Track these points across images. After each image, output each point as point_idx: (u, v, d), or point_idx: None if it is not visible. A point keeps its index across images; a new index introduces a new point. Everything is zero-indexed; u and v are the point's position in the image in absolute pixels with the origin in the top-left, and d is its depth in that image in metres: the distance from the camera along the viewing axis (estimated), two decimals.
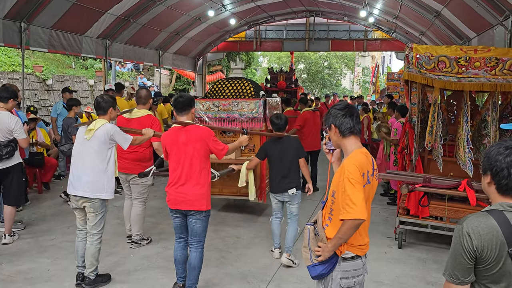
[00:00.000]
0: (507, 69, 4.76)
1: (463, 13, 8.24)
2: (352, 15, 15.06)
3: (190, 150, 3.75)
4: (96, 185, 4.00)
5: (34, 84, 12.72)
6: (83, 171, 4.01)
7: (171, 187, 3.83)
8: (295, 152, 4.79)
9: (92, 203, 4.01)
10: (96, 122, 4.06)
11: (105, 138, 4.00)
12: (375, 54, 38.76)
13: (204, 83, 18.38)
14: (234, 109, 6.15)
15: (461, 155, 5.12)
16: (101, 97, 4.25)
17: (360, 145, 2.53)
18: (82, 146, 4.06)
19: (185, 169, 3.76)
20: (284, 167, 4.75)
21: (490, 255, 1.69)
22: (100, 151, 4.01)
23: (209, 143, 3.79)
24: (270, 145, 4.90)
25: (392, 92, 12.81)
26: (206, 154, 3.83)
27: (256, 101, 6.09)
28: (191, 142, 3.75)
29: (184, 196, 3.75)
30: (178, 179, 3.79)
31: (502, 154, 1.75)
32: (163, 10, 11.46)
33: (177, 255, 3.97)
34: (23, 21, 8.21)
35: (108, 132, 4.01)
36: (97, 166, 4.01)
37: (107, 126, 4.04)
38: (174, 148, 3.80)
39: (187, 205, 3.76)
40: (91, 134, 4.00)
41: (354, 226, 2.34)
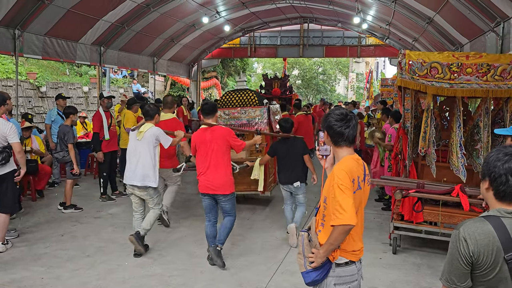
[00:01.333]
0: (499, 75, 4.81)
1: (455, 20, 8.34)
2: (346, 22, 15.17)
3: (215, 146, 4.67)
4: (146, 177, 4.96)
5: (28, 91, 12.68)
6: (136, 166, 4.99)
7: (200, 176, 4.75)
8: (300, 150, 5.64)
9: (147, 191, 5.03)
10: (145, 126, 5.04)
11: (152, 138, 5.00)
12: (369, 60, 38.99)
13: (199, 89, 18.40)
14: (243, 116, 7.06)
15: (454, 161, 5.16)
16: (148, 106, 5.32)
17: (352, 151, 2.53)
18: (135, 145, 5.04)
19: (212, 161, 4.68)
20: (290, 163, 5.59)
21: (486, 260, 1.70)
22: (149, 149, 4.99)
23: (229, 140, 4.74)
24: (279, 144, 5.80)
25: (386, 97, 12.89)
26: (227, 149, 4.77)
27: (261, 108, 7.05)
28: (215, 140, 4.68)
29: (211, 183, 4.66)
30: (206, 170, 4.70)
31: (501, 160, 1.76)
32: (157, 17, 11.48)
33: (208, 231, 4.87)
34: (17, 28, 8.20)
35: (154, 134, 5.01)
36: (147, 162, 4.97)
37: (153, 129, 5.04)
38: (202, 145, 4.73)
39: (213, 190, 4.68)
40: (141, 135, 5.00)
41: (344, 232, 2.35)
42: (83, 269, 4.67)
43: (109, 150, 7.51)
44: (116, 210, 7.00)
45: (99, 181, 7.61)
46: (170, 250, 5.32)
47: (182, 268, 4.79)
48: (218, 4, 12.71)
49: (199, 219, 6.59)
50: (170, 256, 5.11)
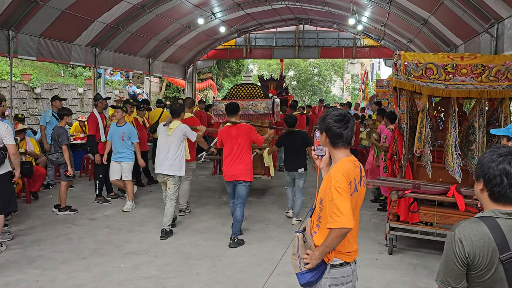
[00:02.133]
0: (493, 75, 4.84)
1: (449, 21, 8.37)
2: (341, 23, 15.19)
3: (239, 141, 5.55)
4: (175, 166, 5.85)
5: (22, 93, 12.62)
6: (166, 157, 5.83)
7: (226, 166, 5.59)
8: (303, 142, 6.59)
9: (173, 178, 5.89)
10: (174, 123, 5.91)
11: (180, 134, 5.88)
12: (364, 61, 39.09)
13: (194, 90, 18.36)
14: (250, 107, 7.70)
15: (450, 161, 5.18)
16: (175, 105, 6.49)
17: (349, 153, 2.53)
18: (165, 140, 5.89)
19: (236, 153, 5.54)
20: (295, 153, 6.57)
21: (482, 261, 1.70)
22: (177, 143, 5.87)
23: (251, 135, 5.65)
24: (285, 137, 6.77)
25: (381, 98, 12.89)
26: (249, 143, 5.66)
27: (267, 101, 7.75)
28: (239, 135, 5.56)
29: (235, 171, 5.53)
30: (231, 160, 5.56)
31: (495, 162, 1.76)
32: (153, 18, 11.45)
33: (232, 210, 5.79)
34: (11, 29, 8.15)
35: (182, 130, 5.90)
36: (176, 154, 5.85)
37: (181, 126, 5.92)
38: (228, 139, 5.62)
39: (237, 177, 5.53)
40: (171, 131, 5.85)
41: (341, 235, 2.35)
42: (78, 271, 4.64)
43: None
44: (111, 212, 6.97)
45: (95, 182, 7.58)
46: (166, 251, 5.30)
47: (178, 269, 4.77)
48: (214, 5, 12.70)
49: (196, 222, 6.58)
50: (166, 258, 5.09)
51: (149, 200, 7.76)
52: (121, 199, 7.73)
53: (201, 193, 8.22)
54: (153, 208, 7.25)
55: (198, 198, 7.90)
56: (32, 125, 11.19)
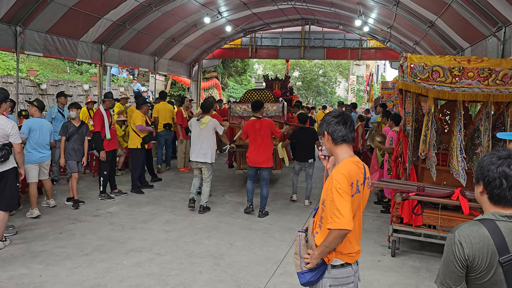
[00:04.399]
0: (500, 79, 4.82)
1: (456, 24, 8.34)
2: (347, 24, 15.18)
3: (262, 133, 6.68)
4: (207, 155, 6.80)
5: (28, 88, 12.68)
6: (201, 147, 6.79)
7: (251, 153, 6.72)
8: (312, 137, 7.54)
9: (206, 165, 6.86)
10: (206, 118, 6.88)
11: (212, 127, 6.86)
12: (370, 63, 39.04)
13: (199, 89, 18.39)
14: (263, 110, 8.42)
15: (454, 164, 5.16)
16: (205, 102, 7.37)
17: (352, 153, 2.53)
18: (199, 133, 6.84)
19: (259, 143, 6.69)
20: (305, 146, 7.56)
21: (481, 264, 1.70)
22: (210, 135, 6.85)
23: (272, 128, 6.77)
24: (297, 132, 7.70)
25: (386, 100, 12.87)
26: (270, 135, 6.81)
27: (278, 104, 8.84)
28: (262, 128, 6.71)
29: (259, 159, 6.68)
30: (255, 149, 6.69)
31: (495, 164, 1.76)
32: (159, 16, 11.49)
33: (249, 187, 6.94)
34: (18, 25, 8.20)
35: (213, 124, 6.88)
36: (208, 144, 6.79)
37: (212, 120, 6.89)
38: (252, 132, 6.73)
39: (260, 164, 6.70)
40: (204, 125, 6.82)
41: (340, 236, 2.35)
42: (81, 267, 4.66)
43: (110, 149, 7.53)
44: (115, 209, 6.99)
45: (99, 179, 7.61)
46: (168, 249, 5.31)
47: (181, 267, 4.78)
48: (220, 5, 12.72)
49: (199, 220, 6.59)
50: (168, 256, 5.10)
51: (153, 198, 7.78)
52: (125, 196, 7.75)
53: None
54: (156, 205, 7.26)
55: None
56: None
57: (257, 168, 6.74)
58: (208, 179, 6.95)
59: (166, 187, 8.66)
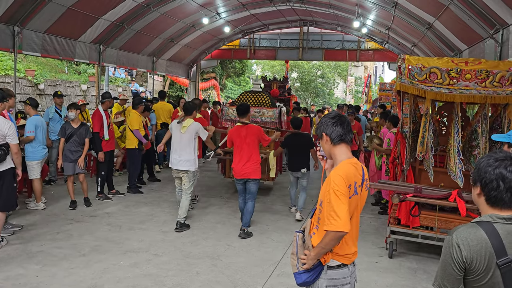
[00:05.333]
0: (497, 81, 4.83)
1: (454, 26, 8.36)
2: (346, 26, 15.19)
3: (248, 141, 5.84)
4: (188, 162, 6.06)
5: (26, 88, 12.65)
6: (180, 153, 6.05)
7: (236, 165, 5.90)
8: (306, 144, 6.85)
9: (187, 174, 6.10)
10: (187, 121, 6.09)
11: (193, 132, 6.08)
12: (368, 64, 39.07)
13: (198, 90, 18.38)
14: (257, 115, 7.95)
15: (452, 166, 5.17)
16: (188, 103, 6.50)
17: (350, 155, 2.54)
18: (180, 137, 6.08)
19: (245, 153, 5.84)
20: (298, 154, 6.83)
21: (479, 266, 1.70)
22: (190, 141, 6.07)
23: (259, 136, 5.93)
24: (290, 138, 6.98)
25: (384, 102, 12.91)
26: (258, 143, 5.96)
27: (274, 110, 8.06)
28: (249, 135, 5.86)
29: (245, 170, 5.83)
30: (241, 159, 5.86)
31: (492, 166, 1.77)
32: (157, 17, 11.47)
33: (241, 205, 6.11)
34: (16, 25, 8.17)
35: (195, 128, 6.10)
36: (189, 151, 6.05)
37: (194, 124, 6.10)
38: (238, 139, 5.89)
39: (247, 175, 5.86)
40: (185, 129, 6.04)
41: (337, 238, 2.36)
42: (78, 268, 4.65)
43: (108, 150, 7.52)
44: (112, 209, 6.97)
45: (97, 180, 7.59)
46: (165, 250, 5.30)
47: (178, 268, 4.77)
48: (219, 5, 12.71)
49: (196, 221, 6.58)
50: (165, 256, 5.10)
51: (150, 198, 7.77)
52: (122, 197, 7.74)
53: (202, 193, 8.21)
54: (154, 206, 7.25)
55: (199, 197, 7.90)
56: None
57: (245, 180, 5.94)
58: (189, 190, 6.15)
59: (164, 188, 8.65)
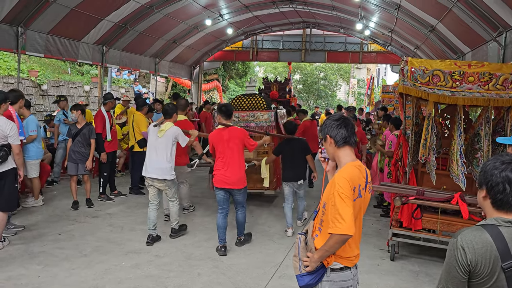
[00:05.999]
0: (500, 84, 4.81)
1: (457, 29, 8.35)
2: (348, 28, 15.20)
3: (231, 145, 5.17)
4: (165, 170, 5.43)
5: (29, 89, 12.69)
6: (156, 160, 5.43)
7: (218, 171, 5.22)
8: (302, 151, 6.15)
9: (166, 182, 5.50)
10: (166, 125, 5.50)
11: (171, 137, 5.46)
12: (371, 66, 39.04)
13: (200, 91, 18.41)
14: (251, 119, 7.44)
15: (454, 169, 5.15)
16: (167, 105, 5.88)
17: (354, 157, 2.53)
18: (156, 142, 5.47)
19: (228, 159, 5.17)
20: (294, 162, 6.13)
21: (484, 269, 1.70)
22: (168, 146, 5.45)
23: (244, 140, 5.26)
24: (284, 145, 6.30)
25: (386, 104, 12.88)
26: (242, 148, 5.29)
27: (269, 112, 7.45)
28: (232, 139, 5.18)
29: (228, 178, 5.16)
30: (223, 166, 5.19)
31: (498, 169, 1.76)
32: (160, 18, 11.50)
33: (219, 222, 5.30)
34: (20, 25, 8.21)
35: (174, 133, 5.49)
36: (166, 157, 5.43)
37: (173, 129, 5.51)
38: (220, 143, 5.20)
39: (230, 185, 5.18)
40: (162, 133, 5.45)
41: (341, 241, 2.35)
42: (79, 269, 4.65)
43: (110, 151, 7.53)
44: (114, 210, 6.98)
45: (99, 180, 7.61)
46: (167, 251, 5.30)
47: (179, 270, 4.77)
48: (222, 7, 12.74)
49: (198, 222, 6.58)
50: (167, 258, 5.09)
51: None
52: (124, 198, 7.75)
53: (203, 194, 8.22)
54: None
55: (201, 198, 7.90)
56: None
57: (227, 190, 5.24)
58: (173, 197, 5.67)
59: None
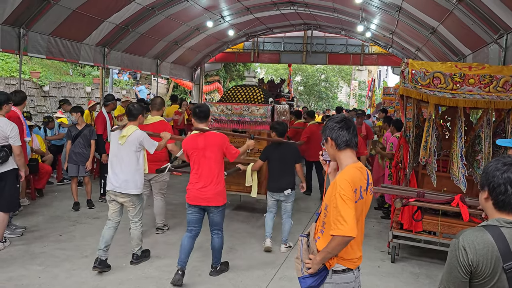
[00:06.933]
0: (501, 86, 4.82)
1: (458, 31, 8.36)
2: (350, 30, 15.21)
3: (208, 154, 4.35)
4: (130, 183, 4.58)
5: (31, 90, 12.71)
6: (120, 171, 4.59)
7: (192, 186, 4.39)
8: (292, 157, 5.44)
9: (130, 198, 4.63)
10: (128, 129, 4.60)
11: (135, 143, 4.58)
12: (372, 68, 39.07)
13: (201, 93, 18.42)
14: (245, 113, 6.63)
15: (455, 171, 5.16)
16: (132, 105, 4.87)
17: (355, 159, 2.53)
18: (118, 150, 4.62)
19: (205, 170, 4.35)
20: (282, 170, 5.37)
21: (485, 270, 1.70)
22: (132, 154, 4.60)
23: (224, 148, 4.41)
24: (271, 149, 5.55)
25: (387, 106, 12.88)
26: (221, 157, 4.45)
27: (265, 107, 6.56)
28: (209, 147, 4.35)
29: (204, 194, 4.33)
30: (199, 179, 4.36)
31: (500, 170, 1.77)
32: (162, 20, 11.52)
33: (184, 242, 4.48)
34: (22, 27, 8.23)
35: (138, 138, 4.58)
36: (131, 167, 4.59)
37: (137, 133, 4.60)
38: (195, 152, 4.38)
39: (206, 201, 4.35)
40: (124, 140, 4.57)
41: (343, 243, 2.35)
42: (80, 269, 4.66)
43: None
44: None
45: (100, 182, 7.61)
46: (168, 252, 5.30)
47: None
48: (223, 9, 12.76)
49: None
50: (168, 259, 5.10)
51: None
52: None
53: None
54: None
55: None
56: (39, 122, 11.25)
57: (201, 207, 4.42)
58: (136, 218, 4.74)
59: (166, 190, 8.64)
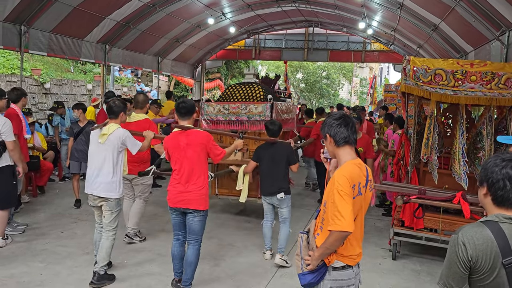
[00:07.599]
0: (503, 83, 4.80)
1: (460, 27, 8.34)
2: (351, 27, 15.18)
3: (190, 153, 3.99)
4: (108, 185, 4.24)
5: (32, 87, 12.72)
6: (98, 173, 4.26)
7: (172, 187, 4.08)
8: (285, 159, 5.02)
9: (108, 202, 4.27)
10: (110, 127, 4.29)
11: (117, 142, 4.26)
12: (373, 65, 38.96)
13: (202, 90, 18.42)
14: (243, 112, 6.24)
15: (456, 168, 5.15)
16: (113, 102, 4.50)
17: (354, 155, 2.54)
18: (98, 149, 4.29)
19: (186, 171, 4.00)
20: (274, 172, 4.97)
21: (484, 265, 1.71)
22: (112, 154, 4.26)
23: (207, 147, 4.05)
24: (263, 150, 5.16)
25: (389, 103, 12.87)
26: (205, 157, 4.08)
27: (264, 105, 6.15)
28: (191, 146, 3.99)
29: (185, 195, 3.99)
30: (180, 180, 4.03)
31: (499, 166, 1.78)
32: (163, 17, 11.52)
33: (174, 251, 4.21)
34: (23, 24, 8.24)
35: (120, 137, 4.27)
36: (110, 169, 4.25)
37: (119, 131, 4.29)
38: (176, 151, 4.04)
39: (186, 203, 3.99)
40: (104, 138, 4.25)
41: (341, 238, 2.36)
42: (81, 267, 4.67)
43: None
44: None
45: None
46: (169, 249, 5.28)
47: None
48: (224, 6, 12.75)
49: None
50: (169, 256, 5.08)
51: (154, 198, 7.78)
52: None
53: None
54: (158, 206, 7.26)
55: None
56: (41, 119, 11.27)
57: (184, 211, 4.06)
58: (110, 226, 4.32)
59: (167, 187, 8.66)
